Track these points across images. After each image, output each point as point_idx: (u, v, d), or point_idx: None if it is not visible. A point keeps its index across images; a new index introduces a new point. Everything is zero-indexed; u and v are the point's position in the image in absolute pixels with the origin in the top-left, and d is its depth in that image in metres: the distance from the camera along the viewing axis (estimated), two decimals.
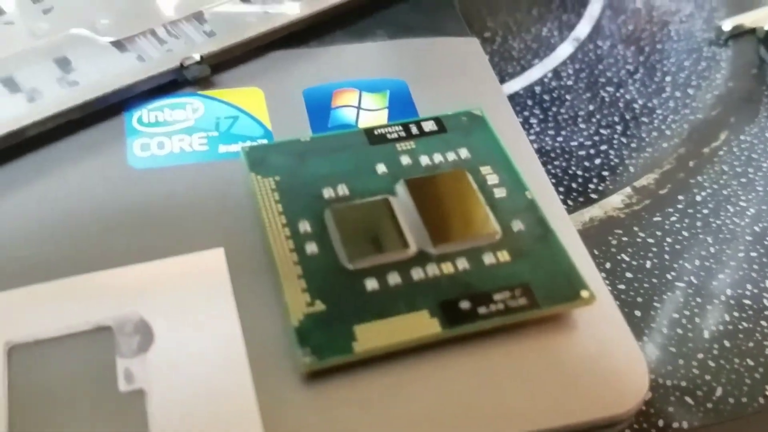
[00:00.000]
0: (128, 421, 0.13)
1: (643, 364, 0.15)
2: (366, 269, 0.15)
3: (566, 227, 0.17)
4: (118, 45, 0.18)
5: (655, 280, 0.19)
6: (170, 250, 0.15)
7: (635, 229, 0.21)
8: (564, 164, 0.22)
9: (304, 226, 0.15)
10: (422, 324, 0.14)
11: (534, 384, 0.14)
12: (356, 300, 0.14)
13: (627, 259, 0.20)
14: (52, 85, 0.17)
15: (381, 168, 0.17)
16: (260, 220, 0.16)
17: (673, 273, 0.19)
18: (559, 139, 0.23)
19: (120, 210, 0.16)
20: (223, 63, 0.19)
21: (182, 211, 0.16)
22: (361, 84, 0.19)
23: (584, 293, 0.15)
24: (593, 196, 0.21)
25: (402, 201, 0.16)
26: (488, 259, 0.15)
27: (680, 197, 0.22)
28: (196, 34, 0.19)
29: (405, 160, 0.17)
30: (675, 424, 0.16)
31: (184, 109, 0.18)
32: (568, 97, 0.25)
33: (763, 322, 0.18)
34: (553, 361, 0.14)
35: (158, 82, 0.18)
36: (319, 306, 0.14)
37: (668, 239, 0.20)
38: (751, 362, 0.17)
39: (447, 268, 0.15)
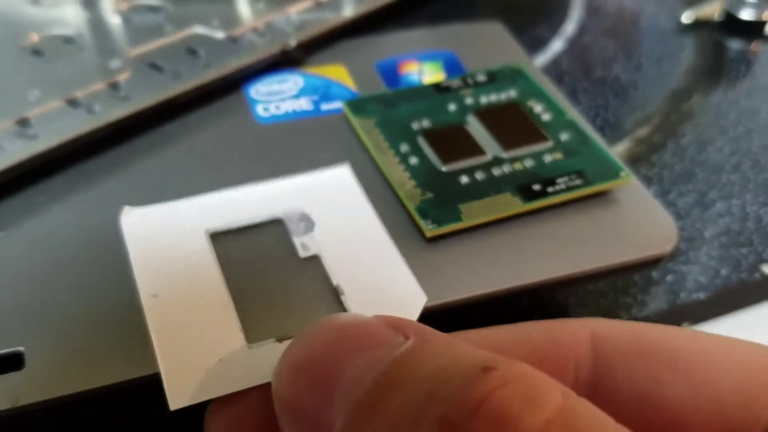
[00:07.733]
0: (314, 277, 0.17)
1: (671, 220, 0.19)
2: (457, 170, 0.20)
3: (599, 139, 0.21)
4: (231, 39, 0.24)
5: None
6: (305, 169, 0.20)
7: None
8: None
9: (404, 147, 0.20)
10: (508, 201, 0.19)
11: (597, 237, 0.19)
12: (455, 189, 0.19)
13: None
14: (191, 68, 0.22)
15: (451, 107, 0.22)
16: (367, 148, 0.20)
17: None
18: None
19: (262, 148, 0.21)
20: (310, 48, 0.24)
21: (305, 147, 0.21)
22: (418, 56, 0.25)
23: (623, 173, 0.20)
24: None
25: (474, 127, 0.21)
26: (548, 158, 0.20)
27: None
28: (286, 26, 0.24)
29: (468, 100, 0.22)
30: None
31: (288, 83, 0.23)
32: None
33: None
34: (607, 223, 0.19)
35: (265, 63, 0.23)
36: (429, 195, 0.19)
37: None
38: None
39: (518, 165, 0.20)
